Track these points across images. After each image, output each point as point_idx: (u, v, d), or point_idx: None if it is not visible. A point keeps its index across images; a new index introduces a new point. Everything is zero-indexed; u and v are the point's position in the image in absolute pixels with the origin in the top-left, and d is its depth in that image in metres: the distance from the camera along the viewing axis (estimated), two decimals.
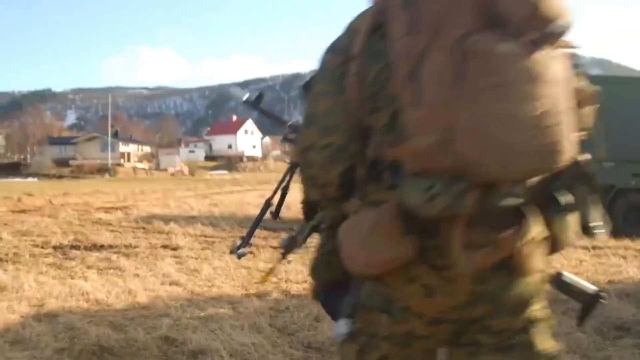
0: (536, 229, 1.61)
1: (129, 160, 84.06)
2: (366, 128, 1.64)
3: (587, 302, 2.06)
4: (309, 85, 1.83)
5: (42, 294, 6.00)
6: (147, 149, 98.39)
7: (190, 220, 13.30)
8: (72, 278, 6.92)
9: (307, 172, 1.76)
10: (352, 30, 1.69)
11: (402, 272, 1.59)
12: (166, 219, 13.09)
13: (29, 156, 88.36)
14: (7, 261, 7.96)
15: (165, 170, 79.86)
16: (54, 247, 9.29)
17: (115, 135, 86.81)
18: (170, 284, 6.69)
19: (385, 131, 1.59)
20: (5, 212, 15.53)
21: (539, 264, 1.66)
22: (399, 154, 1.52)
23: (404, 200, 1.51)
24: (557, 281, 2.07)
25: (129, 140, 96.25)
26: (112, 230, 11.59)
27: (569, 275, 2.04)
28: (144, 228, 12.04)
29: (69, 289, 6.23)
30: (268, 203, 2.48)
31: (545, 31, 1.42)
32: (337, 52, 1.69)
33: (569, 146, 1.48)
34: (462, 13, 1.46)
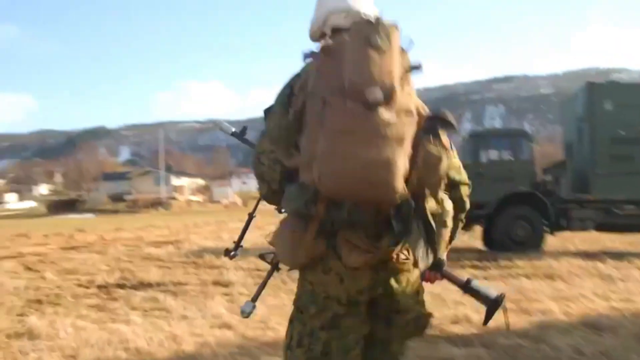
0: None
1: (182, 193, 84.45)
2: (297, 144, 2.21)
3: (491, 305, 2.53)
4: (269, 109, 2.39)
5: (78, 342, 5.35)
6: (200, 181, 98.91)
7: (243, 253, 12.56)
8: (113, 322, 6.28)
9: (259, 169, 2.35)
10: (299, 75, 2.28)
11: (320, 266, 2.17)
12: (218, 253, 12.44)
13: (85, 192, 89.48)
14: (46, 304, 7.39)
15: (219, 202, 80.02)
16: (99, 287, 8.70)
17: (168, 169, 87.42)
18: (220, 327, 5.99)
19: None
20: (54, 249, 15.14)
21: (412, 263, 2.25)
22: (291, 166, 2.21)
23: (284, 199, 2.19)
24: (466, 287, 2.58)
25: (181, 173, 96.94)
26: (161, 267, 11.00)
27: (476, 282, 2.59)
28: (194, 263, 11.43)
29: (108, 335, 5.59)
30: (251, 216, 3.02)
31: (362, 98, 2.02)
32: (287, 87, 2.30)
33: (399, 186, 2.03)
34: (338, 78, 2.08)
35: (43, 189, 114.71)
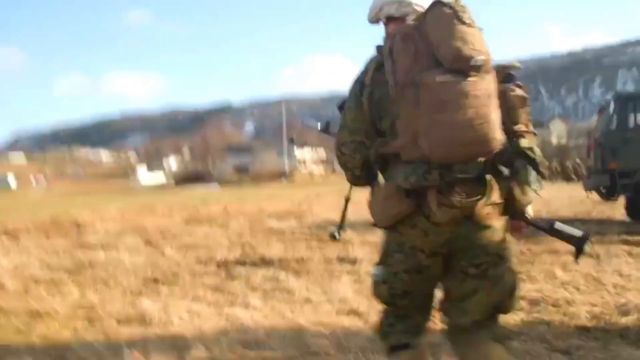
0: (493, 196, 2.46)
1: (304, 165, 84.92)
2: (379, 130, 2.58)
3: (578, 243, 2.77)
4: (342, 105, 2.75)
5: (192, 331, 4.79)
6: (322, 153, 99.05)
7: (369, 226, 11.84)
8: (231, 305, 5.68)
9: (341, 160, 2.75)
10: (366, 69, 2.63)
11: (407, 222, 2.47)
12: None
13: (211, 165, 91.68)
14: (163, 283, 6.91)
15: (341, 173, 79.93)
16: (218, 264, 8.16)
17: (291, 141, 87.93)
18: (349, 313, 5.27)
19: (389, 133, 2.51)
20: (177, 222, 14.95)
21: (495, 219, 2.51)
22: (392, 150, 2.47)
23: (395, 179, 2.47)
24: (551, 229, 2.81)
25: (304, 145, 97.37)
26: (283, 241, 10.42)
27: (560, 224, 2.80)
28: (317, 237, 10.74)
29: (224, 323, 5.00)
30: (347, 200, 3.55)
31: (468, 65, 2.30)
32: (357, 82, 2.65)
33: (497, 136, 2.35)
34: (420, 60, 2.37)
35: (172, 162, 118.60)
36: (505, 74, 2.55)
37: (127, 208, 20.76)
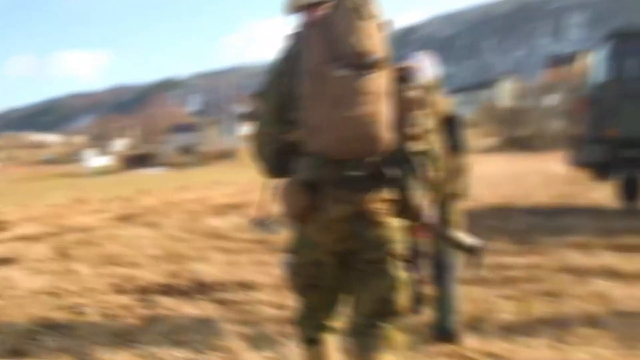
0: (383, 194, 2.53)
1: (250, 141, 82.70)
2: (291, 121, 2.56)
3: (468, 252, 2.93)
4: (258, 93, 2.72)
5: None
6: None
7: None
8: None
9: (256, 150, 2.76)
10: (280, 58, 2.67)
11: (309, 218, 2.53)
12: None
13: (156, 146, 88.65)
14: (52, 332, 4.90)
15: None
16: (137, 293, 6.17)
17: (241, 117, 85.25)
18: None
19: (298, 124, 2.53)
20: (107, 220, 12.93)
21: (386, 217, 2.56)
22: (295, 141, 2.55)
23: (297, 172, 2.55)
24: (443, 236, 2.92)
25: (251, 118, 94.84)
26: (224, 250, 8.38)
27: (451, 231, 3.03)
28: (266, 244, 8.22)
29: None
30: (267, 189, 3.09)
31: (363, 62, 2.39)
32: (273, 73, 2.68)
33: (386, 135, 2.44)
34: (319, 51, 2.43)
35: (119, 144, 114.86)
36: (400, 75, 2.60)
37: (60, 202, 18.59)
